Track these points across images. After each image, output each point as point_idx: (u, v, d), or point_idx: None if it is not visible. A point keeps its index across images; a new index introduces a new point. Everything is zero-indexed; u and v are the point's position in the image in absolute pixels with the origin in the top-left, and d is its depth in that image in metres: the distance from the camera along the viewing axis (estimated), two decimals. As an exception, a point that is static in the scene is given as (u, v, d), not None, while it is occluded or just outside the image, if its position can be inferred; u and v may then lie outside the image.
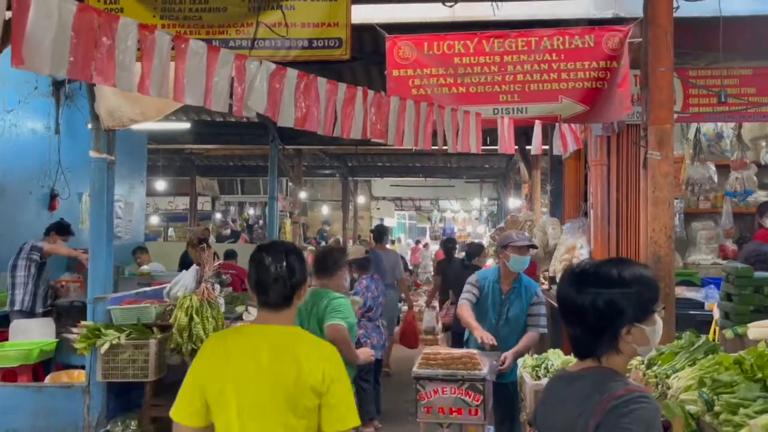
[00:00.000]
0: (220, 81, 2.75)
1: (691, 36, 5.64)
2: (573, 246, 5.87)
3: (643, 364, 3.72)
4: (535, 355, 4.49)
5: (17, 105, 8.13)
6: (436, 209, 27.90)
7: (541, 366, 4.18)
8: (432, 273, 15.57)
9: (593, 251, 5.73)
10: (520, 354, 4.88)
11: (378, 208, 26.25)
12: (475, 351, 4.57)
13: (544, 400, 2.10)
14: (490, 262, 16.12)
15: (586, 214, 6.08)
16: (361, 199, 23.35)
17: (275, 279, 2.34)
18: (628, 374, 3.89)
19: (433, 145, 4.12)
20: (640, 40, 4.95)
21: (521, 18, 5.35)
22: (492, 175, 21.04)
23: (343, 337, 3.96)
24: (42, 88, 8.49)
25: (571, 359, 4.21)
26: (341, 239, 18.09)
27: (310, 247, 17.04)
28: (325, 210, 24.19)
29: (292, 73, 3.07)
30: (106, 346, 5.45)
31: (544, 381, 3.99)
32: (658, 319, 1.96)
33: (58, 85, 8.67)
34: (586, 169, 7.85)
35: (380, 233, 9.24)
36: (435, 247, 20.07)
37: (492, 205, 25.46)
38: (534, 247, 4.99)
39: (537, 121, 4.94)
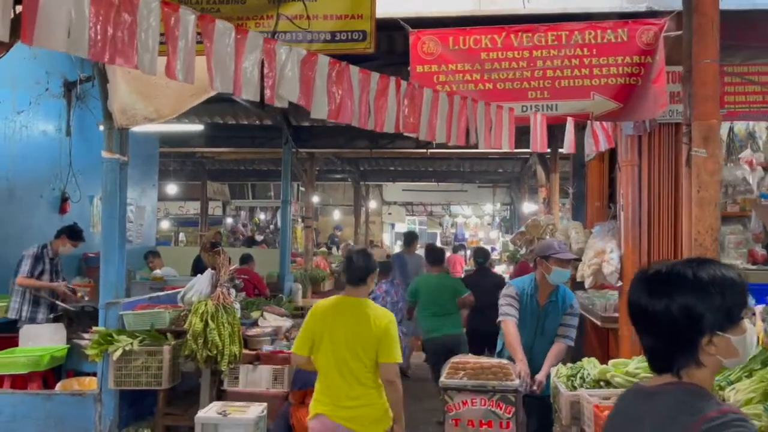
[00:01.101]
0: (249, 66, 2.55)
1: (724, 30, 5.41)
2: (602, 250, 5.63)
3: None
4: (569, 364, 4.26)
5: (28, 106, 7.98)
6: (447, 214, 27.65)
7: (577, 375, 3.95)
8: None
9: (624, 255, 5.49)
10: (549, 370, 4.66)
11: (389, 213, 26.04)
12: (506, 361, 4.36)
13: (615, 419, 1.88)
14: (502, 269, 15.92)
15: (615, 217, 5.84)
16: (372, 204, 23.16)
17: (357, 268, 3.93)
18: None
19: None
20: (678, 33, 4.74)
21: (550, 12, 5.13)
22: (505, 179, 20.81)
23: None
24: (53, 89, 8.35)
25: (609, 368, 3.99)
26: (352, 244, 17.90)
27: (322, 250, 16.87)
28: (336, 215, 24.00)
29: (323, 60, 2.86)
30: (119, 352, 5.27)
31: (581, 392, 3.76)
32: (747, 326, 1.72)
33: (69, 86, 8.53)
34: (612, 171, 7.66)
35: (410, 239, 9.87)
36: (447, 254, 19.78)
37: (504, 210, 25.21)
38: (578, 260, 4.83)
39: (569, 119, 4.72)
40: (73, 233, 7.41)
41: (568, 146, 4.75)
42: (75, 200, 8.72)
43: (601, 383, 3.81)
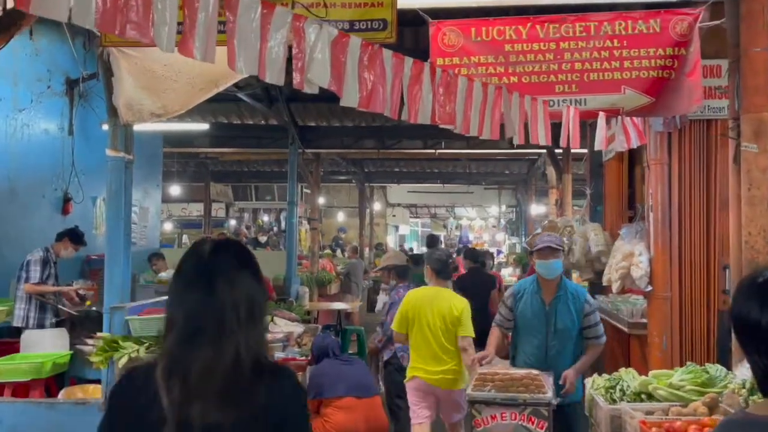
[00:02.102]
0: (275, 46, 2.29)
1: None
2: (631, 253, 5.38)
3: (743, 387, 3.23)
4: (605, 375, 4.00)
5: (29, 104, 7.74)
6: (451, 216, 27.41)
7: (616, 388, 3.69)
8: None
9: (654, 258, 5.24)
10: (582, 371, 4.42)
11: (393, 215, 25.80)
12: (537, 372, 4.10)
13: None
14: (509, 271, 15.68)
15: (643, 218, 5.59)
16: (376, 206, 22.91)
17: (445, 264, 5.33)
18: (721, 399, 3.43)
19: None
20: (713, 23, 4.50)
21: (576, 2, 4.88)
22: (512, 181, 20.59)
23: None
24: (55, 86, 8.11)
25: (650, 380, 3.73)
26: (358, 246, 17.65)
27: (326, 252, 16.60)
28: (340, 217, 23.75)
29: (355, 42, 2.59)
30: (125, 359, 5.00)
31: (622, 405, 3.51)
32: None
33: (72, 83, 8.29)
34: (632, 170, 7.41)
35: (432, 242, 10.93)
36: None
37: (510, 212, 24.96)
38: (559, 248, 4.49)
39: (601, 113, 4.47)
40: (75, 236, 7.16)
41: (600, 142, 4.50)
42: (78, 201, 8.48)
43: (642, 396, 3.56)
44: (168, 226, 20.04)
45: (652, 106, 4.66)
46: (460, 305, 5.00)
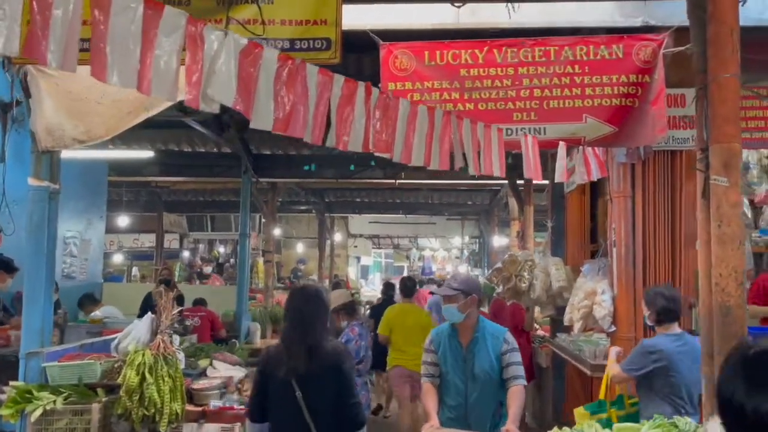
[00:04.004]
0: (164, 54, 1.89)
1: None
2: (593, 291, 5.07)
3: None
4: (566, 429, 3.61)
5: (-45, 128, 7.18)
6: (414, 247, 27.07)
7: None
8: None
9: (617, 297, 4.93)
10: (518, 422, 3.99)
11: (355, 246, 25.35)
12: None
13: None
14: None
15: (605, 254, 5.30)
16: (337, 237, 22.45)
17: (411, 287, 8.24)
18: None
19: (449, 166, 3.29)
20: (677, 49, 4.26)
21: (536, 26, 4.62)
22: (474, 211, 20.36)
23: None
24: (-15, 109, 7.55)
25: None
26: (316, 278, 17.15)
27: (280, 285, 16.03)
28: (299, 248, 23.20)
29: (270, 55, 2.20)
30: (38, 412, 4.48)
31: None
32: None
33: (4, 107, 7.72)
34: (595, 203, 7.16)
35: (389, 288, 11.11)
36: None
37: (473, 243, 24.73)
38: (459, 291, 4.04)
39: (561, 143, 4.17)
40: (4, 265, 6.62)
41: (560, 174, 4.19)
42: (8, 233, 7.81)
43: (609, 455, 3.18)
44: (118, 258, 19.29)
45: (614, 136, 4.39)
46: (426, 316, 7.83)
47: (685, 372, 4.01)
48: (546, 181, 11.20)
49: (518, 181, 11.45)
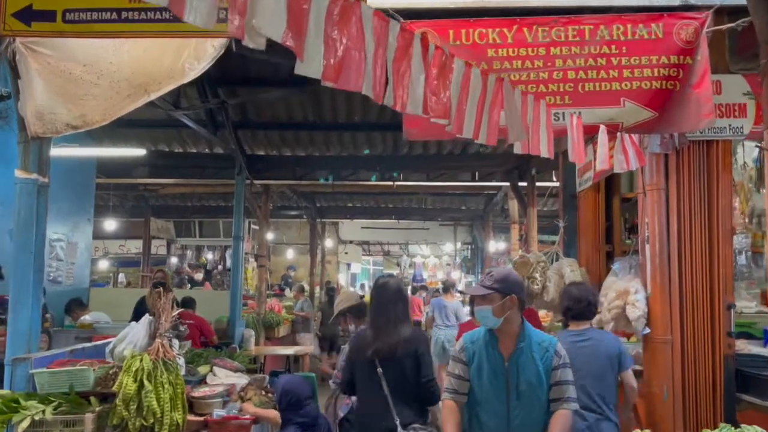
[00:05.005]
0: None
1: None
2: (625, 290, 4.74)
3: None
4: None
5: (-65, 123, 6.76)
6: (405, 254, 26.73)
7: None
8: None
9: (651, 297, 4.60)
10: None
11: (346, 252, 24.94)
12: None
13: None
14: (466, 311, 15.05)
15: (636, 252, 4.97)
16: (328, 243, 22.05)
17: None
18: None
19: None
20: (718, 28, 3.97)
21: (567, 4, 4.29)
22: (468, 217, 20.08)
23: None
24: (-32, 103, 7.13)
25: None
26: (305, 286, 16.74)
27: (270, 293, 15.60)
28: (290, 254, 22.76)
29: (320, -14, 1.85)
30: (26, 423, 4.07)
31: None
32: None
33: (-12, 101, 7.32)
34: (610, 201, 6.87)
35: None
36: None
37: (465, 249, 24.42)
38: (494, 290, 3.41)
39: (602, 127, 3.85)
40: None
41: (602, 161, 3.86)
42: (-8, 234, 7.45)
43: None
44: (104, 264, 18.77)
45: (655, 122, 4.08)
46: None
47: (580, 366, 3.99)
48: (548, 183, 11.01)
49: (520, 183, 11.19)
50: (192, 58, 3.65)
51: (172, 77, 3.74)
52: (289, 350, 10.32)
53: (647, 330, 4.63)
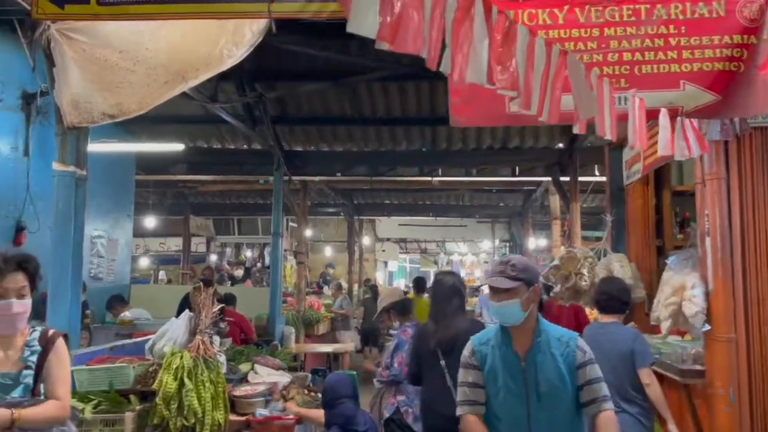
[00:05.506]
0: None
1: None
2: (682, 285, 4.49)
3: None
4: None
5: (-22, 120, 6.81)
6: (442, 252, 26.49)
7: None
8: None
9: (713, 293, 4.34)
10: None
11: (383, 250, 24.81)
12: None
13: None
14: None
15: (693, 245, 4.72)
16: (365, 241, 21.94)
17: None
18: None
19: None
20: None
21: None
22: (506, 214, 19.77)
23: None
24: (8, 100, 7.16)
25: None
26: (343, 284, 16.63)
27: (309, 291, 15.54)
28: (328, 252, 22.72)
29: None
30: (65, 421, 4.01)
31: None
32: None
33: (28, 98, 7.35)
34: (659, 194, 6.60)
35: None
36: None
37: (503, 246, 24.10)
38: (520, 280, 2.99)
39: (663, 110, 3.62)
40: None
41: (664, 146, 3.62)
42: (33, 230, 7.46)
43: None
44: (144, 262, 18.96)
45: (717, 105, 3.83)
46: None
47: (597, 358, 3.27)
48: (589, 178, 10.70)
49: (562, 178, 10.90)
50: (230, 43, 3.54)
51: (209, 64, 3.63)
52: (329, 348, 10.22)
53: (707, 327, 4.37)
